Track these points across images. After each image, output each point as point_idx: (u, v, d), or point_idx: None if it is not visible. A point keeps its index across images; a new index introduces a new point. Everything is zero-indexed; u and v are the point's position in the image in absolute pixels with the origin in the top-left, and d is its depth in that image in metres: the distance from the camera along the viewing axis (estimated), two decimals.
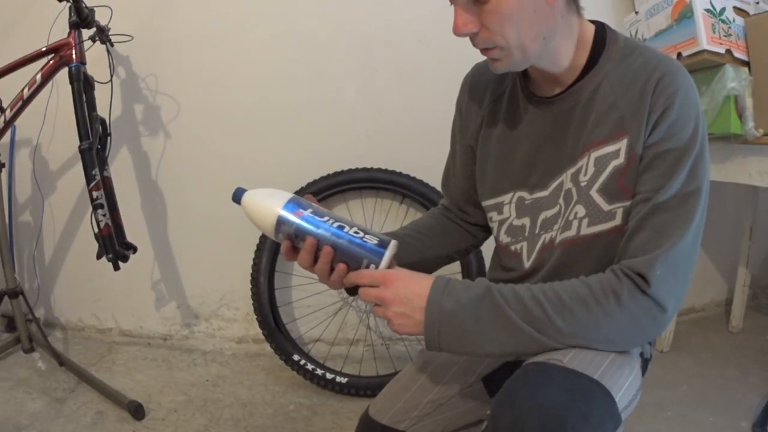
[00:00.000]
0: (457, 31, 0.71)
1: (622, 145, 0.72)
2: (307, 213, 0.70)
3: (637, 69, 0.73)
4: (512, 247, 0.86)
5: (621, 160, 0.72)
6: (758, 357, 1.61)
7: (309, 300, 1.77)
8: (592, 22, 0.80)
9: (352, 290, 0.74)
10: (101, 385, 1.50)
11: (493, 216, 0.88)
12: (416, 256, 0.90)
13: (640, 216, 0.69)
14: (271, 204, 0.71)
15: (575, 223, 0.76)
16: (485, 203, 0.89)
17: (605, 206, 0.74)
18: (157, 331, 1.89)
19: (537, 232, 0.81)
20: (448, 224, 0.98)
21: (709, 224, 2.17)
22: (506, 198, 0.85)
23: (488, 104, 0.87)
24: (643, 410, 1.37)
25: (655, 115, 0.70)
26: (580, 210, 0.75)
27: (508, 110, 0.84)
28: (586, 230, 0.75)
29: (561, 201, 0.78)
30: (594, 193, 0.74)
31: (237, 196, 0.75)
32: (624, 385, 0.71)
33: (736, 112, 1.32)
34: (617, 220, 0.73)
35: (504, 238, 0.87)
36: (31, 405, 1.46)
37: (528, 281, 0.83)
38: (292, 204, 0.71)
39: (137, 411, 1.40)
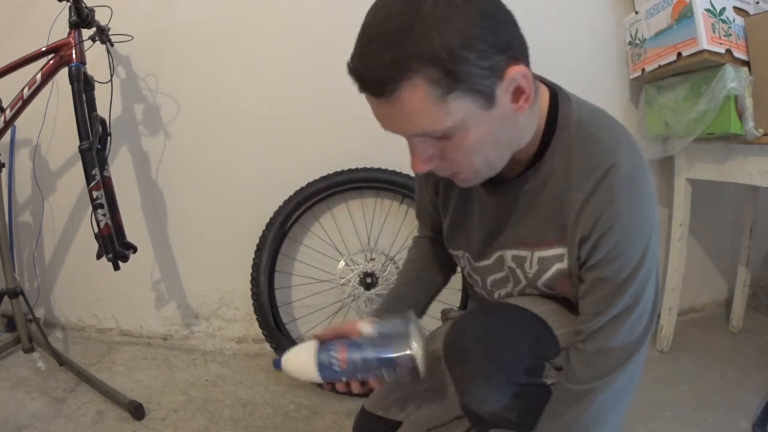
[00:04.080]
0: (417, 170, 0.65)
1: (564, 251, 0.72)
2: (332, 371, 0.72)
3: (583, 175, 0.67)
4: (476, 289, 0.91)
5: (564, 265, 0.73)
6: (758, 357, 1.61)
7: (309, 300, 1.77)
8: (543, 82, 0.73)
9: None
10: (101, 385, 1.50)
11: (458, 261, 0.92)
12: (422, 302, 0.93)
13: (583, 347, 0.72)
14: (307, 369, 0.73)
15: (534, 291, 0.81)
16: (449, 250, 0.91)
17: (553, 291, 0.79)
18: (157, 331, 1.89)
19: (489, 288, 0.86)
20: (439, 252, 0.98)
21: (709, 224, 2.17)
22: (460, 253, 0.88)
23: None
24: (643, 410, 1.37)
25: (590, 242, 0.67)
26: (534, 292, 0.80)
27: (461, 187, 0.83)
28: (545, 291, 0.80)
29: (506, 269, 0.81)
30: (540, 285, 0.78)
31: (278, 365, 0.78)
32: (566, 327, 0.76)
33: (736, 112, 1.32)
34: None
35: (469, 280, 0.92)
36: (31, 405, 1.46)
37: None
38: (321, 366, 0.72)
39: (137, 411, 1.40)
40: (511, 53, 0.58)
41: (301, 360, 0.73)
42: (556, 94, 0.72)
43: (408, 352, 0.68)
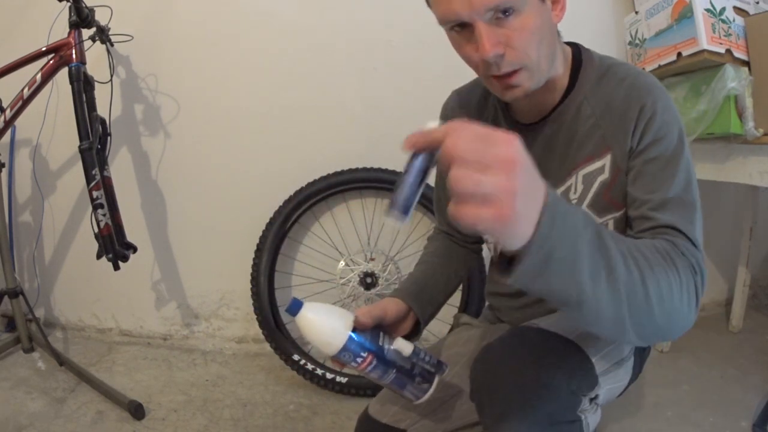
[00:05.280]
0: (487, 54, 0.65)
1: (606, 160, 0.74)
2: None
3: (614, 87, 0.74)
4: None
5: (606, 175, 0.74)
6: (758, 357, 1.61)
7: (309, 300, 1.77)
8: (568, 43, 0.81)
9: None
10: (101, 385, 1.50)
11: (489, 237, 0.89)
12: (441, 296, 0.91)
13: (646, 227, 0.67)
14: (327, 344, 0.69)
15: None
16: None
17: (597, 219, 0.76)
18: (157, 331, 1.89)
19: None
20: (456, 249, 0.98)
21: (709, 224, 2.17)
22: None
23: None
24: (643, 410, 1.37)
25: (641, 126, 0.71)
26: None
27: None
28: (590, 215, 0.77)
29: None
30: (585, 209, 0.76)
31: (294, 309, 0.71)
32: (603, 350, 0.73)
33: (736, 112, 1.32)
34: (610, 229, 0.76)
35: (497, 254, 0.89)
36: (31, 405, 1.46)
37: (521, 297, 0.86)
38: (343, 353, 0.69)
39: (137, 411, 1.40)
40: None
41: (327, 334, 0.69)
42: (576, 45, 0.82)
43: (419, 397, 0.69)
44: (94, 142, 1.39)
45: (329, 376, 1.53)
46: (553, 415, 0.65)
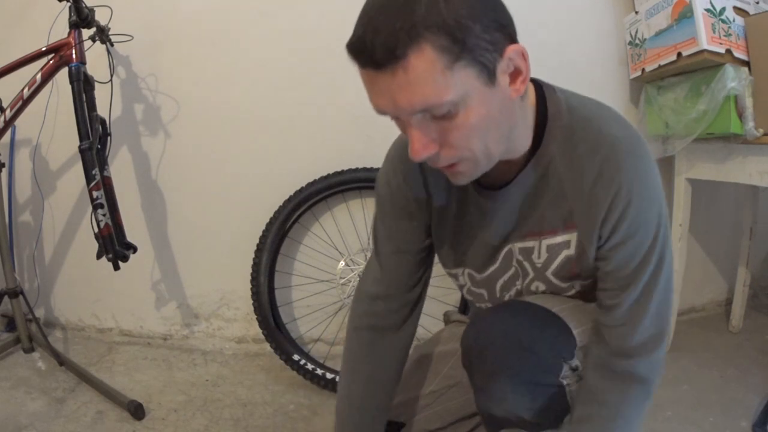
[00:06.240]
0: (417, 156, 0.59)
1: (572, 237, 0.72)
2: None
3: (585, 158, 0.67)
4: (477, 304, 0.89)
5: (571, 251, 0.73)
6: (758, 357, 1.61)
7: (309, 300, 1.77)
8: (532, 80, 0.71)
9: None
10: (101, 385, 1.50)
11: (454, 280, 0.88)
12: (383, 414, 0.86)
13: (617, 320, 0.71)
14: None
15: (541, 285, 0.80)
16: (446, 270, 0.88)
17: (562, 284, 0.77)
18: (157, 331, 1.89)
19: (498, 296, 0.84)
20: (386, 343, 0.85)
21: (709, 224, 2.17)
22: (459, 271, 0.85)
23: (434, 184, 0.80)
24: None
25: (613, 217, 0.67)
26: (540, 285, 0.79)
27: (458, 196, 0.79)
28: (553, 281, 0.79)
29: (515, 264, 0.79)
30: (549, 275, 0.77)
31: None
32: (585, 324, 0.76)
33: (736, 112, 1.32)
34: (576, 289, 0.78)
35: (468, 297, 0.90)
36: (31, 405, 1.46)
37: None
38: None
39: (137, 411, 1.40)
40: (508, 32, 0.59)
41: None
42: (540, 86, 0.71)
43: None
44: (94, 142, 1.38)
45: (329, 376, 1.53)
46: (535, 377, 0.69)
